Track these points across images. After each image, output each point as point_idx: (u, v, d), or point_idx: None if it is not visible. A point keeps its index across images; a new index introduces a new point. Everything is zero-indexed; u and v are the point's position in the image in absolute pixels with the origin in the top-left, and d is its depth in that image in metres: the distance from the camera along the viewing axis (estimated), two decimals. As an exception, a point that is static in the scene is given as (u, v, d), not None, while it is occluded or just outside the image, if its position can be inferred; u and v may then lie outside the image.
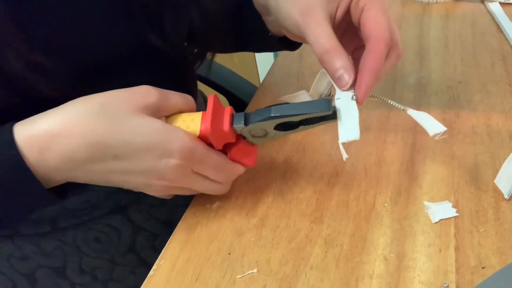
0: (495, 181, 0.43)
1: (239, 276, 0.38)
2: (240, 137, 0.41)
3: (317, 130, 0.53)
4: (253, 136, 0.41)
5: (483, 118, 0.51)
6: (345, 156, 0.39)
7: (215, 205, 0.45)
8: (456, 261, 0.37)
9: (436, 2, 0.80)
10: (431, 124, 0.41)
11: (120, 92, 0.37)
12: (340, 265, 0.38)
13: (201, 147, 0.38)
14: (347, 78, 0.38)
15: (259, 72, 1.67)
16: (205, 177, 0.41)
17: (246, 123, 0.39)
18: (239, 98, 0.81)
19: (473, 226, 0.39)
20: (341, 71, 0.38)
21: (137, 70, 0.47)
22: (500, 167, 0.42)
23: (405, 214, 0.41)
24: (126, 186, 0.39)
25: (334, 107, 0.38)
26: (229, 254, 0.40)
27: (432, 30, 0.72)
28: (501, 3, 0.76)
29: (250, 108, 0.59)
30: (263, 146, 0.51)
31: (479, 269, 0.36)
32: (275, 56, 1.80)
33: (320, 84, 0.47)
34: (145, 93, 0.37)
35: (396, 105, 0.42)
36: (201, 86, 0.68)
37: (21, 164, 0.34)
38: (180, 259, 0.40)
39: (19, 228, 0.50)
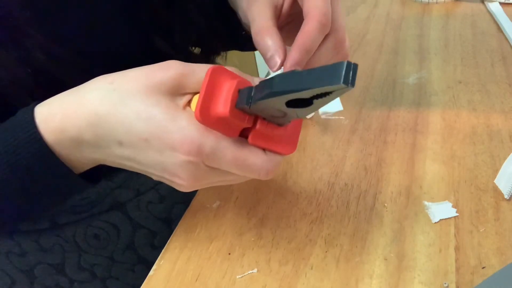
0: (495, 181, 0.43)
1: (239, 276, 0.38)
2: (259, 117, 0.32)
3: (317, 130, 0.53)
4: (273, 117, 0.32)
5: (483, 118, 0.51)
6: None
7: (215, 205, 0.45)
8: (456, 261, 0.37)
9: (436, 2, 0.80)
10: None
11: (137, 68, 0.34)
12: (340, 265, 0.38)
13: (209, 137, 0.32)
14: (277, 58, 0.37)
15: (259, 72, 1.67)
16: (222, 172, 0.34)
17: (248, 103, 0.30)
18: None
19: (473, 226, 0.39)
20: (271, 52, 0.37)
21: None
22: (500, 167, 0.42)
23: (405, 214, 0.41)
24: (149, 175, 0.36)
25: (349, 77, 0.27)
26: (229, 254, 0.40)
27: (432, 30, 0.72)
28: (501, 3, 0.76)
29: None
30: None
31: (479, 269, 0.36)
32: (275, 56, 1.80)
33: None
34: (163, 67, 0.33)
35: None
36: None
37: (40, 142, 0.33)
38: (180, 259, 0.40)
39: (19, 225, 0.50)
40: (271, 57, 0.37)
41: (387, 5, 0.83)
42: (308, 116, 0.44)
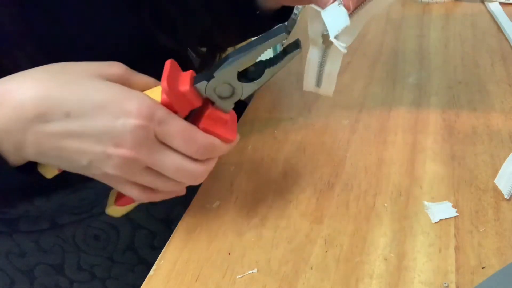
0: (495, 181, 0.43)
1: (239, 276, 0.38)
2: (207, 102, 0.37)
3: (317, 130, 0.53)
4: (221, 98, 0.36)
5: (483, 118, 0.51)
6: (342, 48, 0.39)
7: (215, 205, 0.45)
8: (456, 261, 0.37)
9: (436, 2, 0.80)
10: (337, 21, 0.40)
11: (84, 62, 0.35)
12: (340, 265, 0.38)
13: (163, 108, 0.34)
14: None
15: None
16: (174, 150, 0.35)
17: (207, 78, 0.35)
18: (239, 98, 0.81)
19: (473, 226, 0.39)
20: None
21: (146, 70, 0.47)
22: (500, 167, 0.42)
23: (405, 214, 0.41)
24: (80, 161, 0.34)
25: (288, 28, 0.35)
26: (229, 254, 0.40)
27: (432, 30, 0.72)
28: (501, 3, 0.76)
29: (250, 109, 0.59)
30: (263, 145, 0.51)
31: (479, 269, 0.36)
32: (275, 56, 1.80)
33: (315, 25, 0.45)
34: (111, 65, 0.35)
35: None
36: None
37: None
38: (180, 259, 0.40)
39: (18, 225, 0.50)
40: None
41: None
42: (343, 50, 0.45)
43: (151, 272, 0.39)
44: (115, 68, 0.35)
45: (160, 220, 0.55)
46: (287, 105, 0.58)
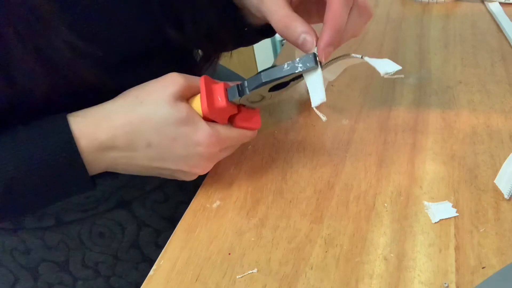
0: (495, 181, 0.43)
1: (239, 276, 0.38)
2: (240, 105, 0.45)
3: (317, 130, 0.53)
4: (252, 102, 0.44)
5: (483, 118, 0.51)
6: (323, 118, 0.40)
7: (215, 205, 0.45)
8: (456, 261, 0.37)
9: (436, 2, 0.80)
10: (385, 65, 0.41)
11: (151, 83, 0.42)
12: (340, 265, 0.38)
13: (221, 130, 0.43)
14: (310, 39, 0.39)
15: (258, 70, 1.67)
16: (226, 148, 0.45)
17: (240, 94, 0.42)
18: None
19: (473, 226, 0.39)
20: (303, 35, 0.40)
21: (157, 64, 0.49)
22: (500, 167, 0.42)
23: (405, 214, 0.41)
24: (157, 174, 0.45)
25: (319, 60, 0.40)
26: (229, 254, 0.40)
27: (432, 30, 0.72)
28: (501, 3, 0.76)
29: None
30: (263, 145, 0.51)
31: (479, 269, 0.36)
32: (275, 56, 1.80)
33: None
34: (172, 82, 0.41)
35: (354, 55, 0.43)
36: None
37: (73, 148, 0.39)
38: (180, 259, 0.40)
39: (23, 222, 0.50)
40: (304, 40, 0.40)
41: (387, 5, 0.83)
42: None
43: (151, 272, 0.39)
44: (176, 85, 0.41)
45: (165, 218, 0.55)
46: (287, 105, 0.58)
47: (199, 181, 0.48)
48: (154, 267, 0.40)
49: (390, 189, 0.44)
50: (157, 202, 0.54)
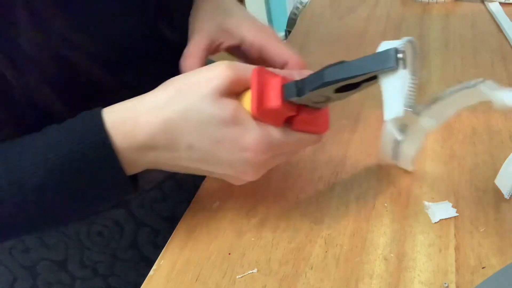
0: (495, 181, 0.43)
1: (239, 276, 0.38)
2: (301, 105, 0.37)
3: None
4: (315, 103, 0.36)
5: (483, 118, 0.51)
6: (409, 168, 0.40)
7: (215, 205, 0.45)
8: (456, 261, 0.37)
9: (436, 2, 0.80)
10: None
11: (195, 74, 0.37)
12: (340, 265, 0.38)
13: (275, 134, 0.36)
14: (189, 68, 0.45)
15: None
16: (281, 154, 0.40)
17: (299, 94, 0.35)
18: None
19: (473, 226, 0.39)
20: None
21: (152, 62, 0.49)
22: (500, 167, 0.42)
23: (405, 214, 0.41)
24: (210, 174, 0.40)
25: (401, 58, 0.32)
26: (229, 254, 0.40)
27: (432, 30, 0.72)
28: (501, 3, 0.76)
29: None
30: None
31: (479, 269, 0.36)
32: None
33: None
34: (218, 75, 0.36)
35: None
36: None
37: (108, 147, 0.35)
38: (180, 259, 0.40)
39: None
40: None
41: (387, 5, 0.83)
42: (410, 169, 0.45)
43: (151, 272, 0.39)
44: (224, 80, 0.35)
45: (164, 218, 0.55)
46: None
47: (199, 181, 0.48)
48: (154, 267, 0.40)
49: (390, 189, 0.44)
50: (156, 201, 0.54)
